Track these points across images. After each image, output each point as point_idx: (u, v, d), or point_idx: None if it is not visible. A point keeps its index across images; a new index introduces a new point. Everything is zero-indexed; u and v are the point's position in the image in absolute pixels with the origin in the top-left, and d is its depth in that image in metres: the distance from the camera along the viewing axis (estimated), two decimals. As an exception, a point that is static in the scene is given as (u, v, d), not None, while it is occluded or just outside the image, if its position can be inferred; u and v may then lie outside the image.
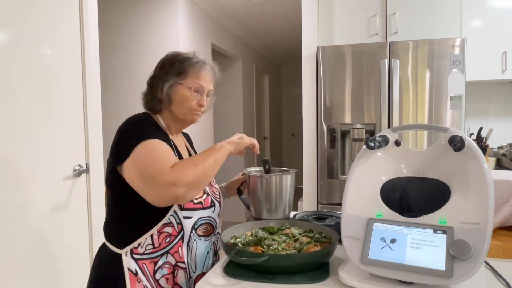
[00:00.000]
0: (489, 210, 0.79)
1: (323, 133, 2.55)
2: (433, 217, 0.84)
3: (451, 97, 2.35)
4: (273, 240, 1.02)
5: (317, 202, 2.61)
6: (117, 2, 3.32)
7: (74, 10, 1.95)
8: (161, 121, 1.17)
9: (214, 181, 1.27)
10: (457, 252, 0.77)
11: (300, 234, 1.07)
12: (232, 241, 1.02)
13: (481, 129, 2.55)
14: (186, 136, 1.38)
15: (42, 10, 1.75)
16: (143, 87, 1.21)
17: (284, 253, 0.94)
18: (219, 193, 1.25)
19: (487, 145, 2.50)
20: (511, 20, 2.58)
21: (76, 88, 1.96)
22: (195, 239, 1.10)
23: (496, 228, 1.26)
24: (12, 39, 1.60)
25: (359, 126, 2.48)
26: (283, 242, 1.01)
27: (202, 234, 1.12)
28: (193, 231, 1.10)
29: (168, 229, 1.07)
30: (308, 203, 2.74)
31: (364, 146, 0.96)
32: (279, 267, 0.89)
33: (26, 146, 1.64)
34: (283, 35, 4.99)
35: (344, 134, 2.53)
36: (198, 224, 1.11)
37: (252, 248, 0.96)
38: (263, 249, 0.95)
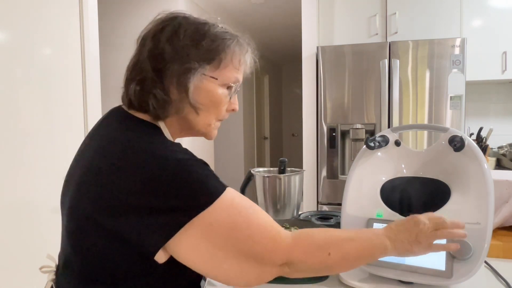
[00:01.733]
0: (489, 210, 0.79)
1: (323, 133, 2.55)
2: (433, 217, 0.84)
3: (451, 97, 2.35)
4: (273, 240, 1.02)
5: (317, 202, 2.61)
6: (117, 2, 3.32)
7: (74, 10, 1.95)
8: (167, 134, 0.74)
9: None
10: (457, 252, 0.77)
11: (300, 234, 1.06)
12: (232, 241, 1.01)
13: (481, 129, 2.55)
14: None
15: (42, 10, 1.75)
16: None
17: (284, 253, 0.94)
18: None
19: (487, 145, 2.50)
20: (511, 20, 2.58)
21: (76, 88, 1.96)
22: None
23: (496, 228, 1.26)
24: (12, 39, 1.60)
25: (359, 126, 2.47)
26: (283, 242, 1.01)
27: None
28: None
29: None
30: (308, 203, 2.74)
31: (364, 146, 0.96)
32: (279, 267, 0.89)
33: (26, 146, 1.64)
34: (283, 35, 4.99)
35: (344, 134, 2.53)
36: None
37: (252, 248, 0.96)
38: (263, 249, 0.95)
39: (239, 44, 0.75)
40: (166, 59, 0.69)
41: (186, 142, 3.34)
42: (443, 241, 0.80)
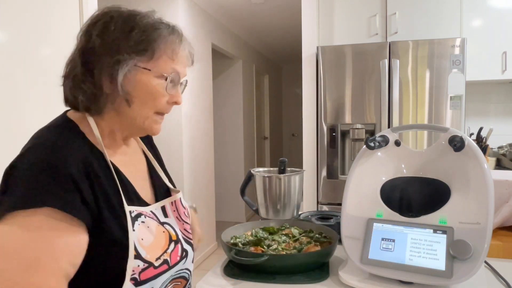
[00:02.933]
0: (489, 210, 0.79)
1: (323, 133, 2.55)
2: (433, 217, 0.84)
3: (451, 97, 2.35)
4: (273, 240, 1.02)
5: (317, 202, 2.61)
6: (117, 3, 3.31)
7: (74, 10, 1.95)
8: (94, 128, 0.73)
9: (185, 205, 0.89)
10: (457, 252, 0.77)
11: (300, 234, 1.07)
12: (232, 241, 1.01)
13: (481, 129, 2.55)
14: (149, 141, 0.95)
15: (42, 10, 1.75)
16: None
17: (284, 253, 0.94)
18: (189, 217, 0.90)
19: (487, 145, 2.50)
20: (511, 20, 2.58)
21: (76, 88, 1.96)
22: None
23: (496, 228, 1.26)
24: (12, 39, 1.60)
25: (359, 126, 2.47)
26: (283, 242, 1.01)
27: None
28: None
29: None
30: (308, 203, 2.74)
31: (364, 146, 0.96)
32: (279, 267, 0.89)
33: (26, 146, 1.64)
34: (283, 35, 4.99)
35: (344, 134, 2.53)
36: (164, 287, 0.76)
37: (252, 248, 0.96)
38: (263, 249, 0.95)
39: (173, 33, 0.74)
40: (97, 53, 0.70)
41: (186, 142, 3.34)
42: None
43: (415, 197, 0.91)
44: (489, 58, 2.61)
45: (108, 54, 0.69)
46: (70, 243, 0.63)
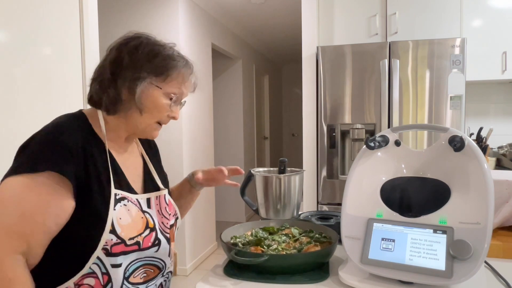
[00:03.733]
0: (489, 210, 0.79)
1: (323, 133, 2.55)
2: (433, 217, 0.84)
3: (451, 97, 2.35)
4: (273, 240, 1.02)
5: (317, 202, 2.61)
6: (117, 2, 3.32)
7: (74, 10, 1.95)
8: (101, 121, 0.90)
9: (170, 202, 1.01)
10: (457, 252, 0.77)
11: (300, 234, 1.07)
12: (232, 241, 1.01)
13: (481, 129, 2.55)
14: (148, 142, 1.09)
15: (42, 10, 1.75)
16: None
17: (284, 253, 0.94)
18: (177, 217, 1.02)
19: (487, 145, 2.50)
20: (511, 20, 2.58)
21: (76, 88, 1.96)
22: None
23: (496, 228, 1.26)
24: (12, 39, 1.60)
25: (359, 126, 2.47)
26: (283, 242, 1.01)
27: (142, 280, 0.88)
28: (125, 281, 0.85)
29: (90, 281, 0.81)
30: (308, 203, 2.74)
31: (364, 146, 0.96)
32: (279, 267, 0.89)
33: (26, 146, 1.64)
34: (283, 35, 4.98)
35: (344, 134, 2.53)
36: (131, 269, 0.86)
37: (252, 248, 0.96)
38: (263, 249, 0.95)
39: (186, 66, 0.92)
40: (123, 66, 0.86)
41: (186, 142, 3.34)
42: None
43: (415, 197, 0.91)
44: (489, 58, 2.61)
45: (131, 70, 0.86)
46: (59, 205, 0.78)
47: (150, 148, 1.08)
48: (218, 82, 4.83)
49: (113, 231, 0.81)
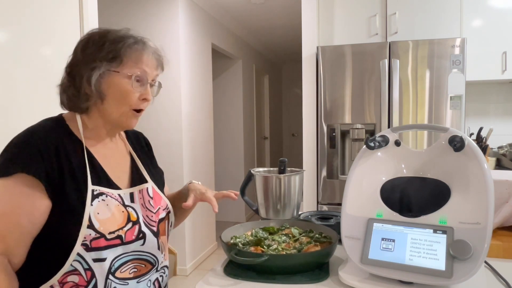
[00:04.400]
0: (489, 210, 0.79)
1: (323, 133, 2.55)
2: (433, 217, 0.84)
3: (451, 97, 2.35)
4: (273, 240, 1.02)
5: (317, 202, 2.61)
6: (117, 2, 3.32)
7: (74, 10, 1.95)
8: (79, 122, 0.91)
9: (158, 195, 1.00)
10: (457, 252, 0.77)
11: (300, 234, 1.07)
12: (232, 241, 1.01)
13: (481, 129, 2.55)
14: (136, 137, 1.09)
15: (42, 10, 1.75)
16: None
17: (284, 253, 0.94)
18: (169, 211, 1.02)
19: (487, 145, 2.50)
20: (511, 20, 2.58)
21: (76, 88, 1.96)
22: (115, 286, 0.85)
23: (496, 228, 1.26)
24: (12, 39, 1.60)
25: (359, 126, 2.47)
26: (283, 242, 1.01)
27: (131, 275, 0.88)
28: (111, 275, 0.85)
29: (74, 278, 0.82)
30: (308, 203, 2.74)
31: (364, 146, 0.96)
32: (279, 267, 0.89)
33: (26, 146, 1.64)
34: (283, 35, 4.98)
35: (344, 134, 2.53)
36: (117, 264, 0.86)
37: (252, 248, 0.96)
38: (263, 249, 0.95)
39: (140, 43, 0.90)
40: (78, 64, 0.89)
41: (186, 142, 3.34)
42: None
43: (415, 197, 0.91)
44: (489, 58, 2.61)
45: (85, 64, 0.87)
46: (31, 204, 0.80)
47: (142, 146, 1.09)
48: (218, 82, 4.83)
49: (90, 226, 0.82)
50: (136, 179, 0.98)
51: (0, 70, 1.54)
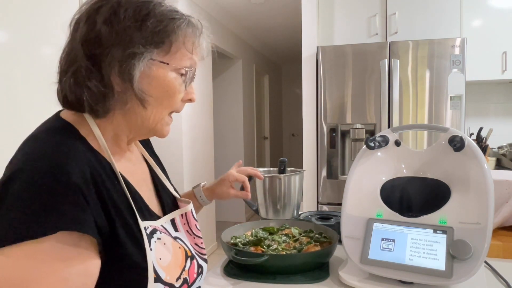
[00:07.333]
0: (489, 210, 0.79)
1: (323, 133, 2.55)
2: (433, 217, 0.84)
3: (451, 97, 2.35)
4: (273, 240, 1.02)
5: (317, 202, 2.61)
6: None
7: (74, 10, 1.96)
8: (97, 132, 0.63)
9: (195, 223, 0.79)
10: (457, 252, 0.77)
11: (300, 234, 1.07)
12: (232, 241, 1.01)
13: (481, 129, 2.55)
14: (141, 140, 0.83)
15: (42, 10, 1.75)
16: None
17: (284, 253, 0.94)
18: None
19: (487, 145, 2.50)
20: (511, 20, 2.58)
21: (76, 88, 1.96)
22: None
23: (496, 228, 1.26)
24: (12, 39, 1.60)
25: (359, 126, 2.47)
26: (283, 242, 1.01)
27: None
28: None
29: None
30: (308, 203, 2.74)
31: (364, 146, 0.96)
32: (279, 267, 0.89)
33: (26, 146, 1.64)
34: (283, 35, 4.98)
35: (344, 134, 2.53)
36: None
37: (252, 248, 0.96)
38: (263, 249, 0.95)
39: (191, 24, 0.65)
40: (104, 44, 0.59)
41: (186, 142, 3.34)
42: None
43: (415, 197, 0.91)
44: (489, 58, 2.61)
45: (118, 46, 0.59)
46: (82, 272, 0.54)
47: (147, 144, 0.84)
48: (218, 82, 4.83)
49: (157, 278, 0.60)
50: (165, 198, 0.76)
51: (0, 70, 1.54)
